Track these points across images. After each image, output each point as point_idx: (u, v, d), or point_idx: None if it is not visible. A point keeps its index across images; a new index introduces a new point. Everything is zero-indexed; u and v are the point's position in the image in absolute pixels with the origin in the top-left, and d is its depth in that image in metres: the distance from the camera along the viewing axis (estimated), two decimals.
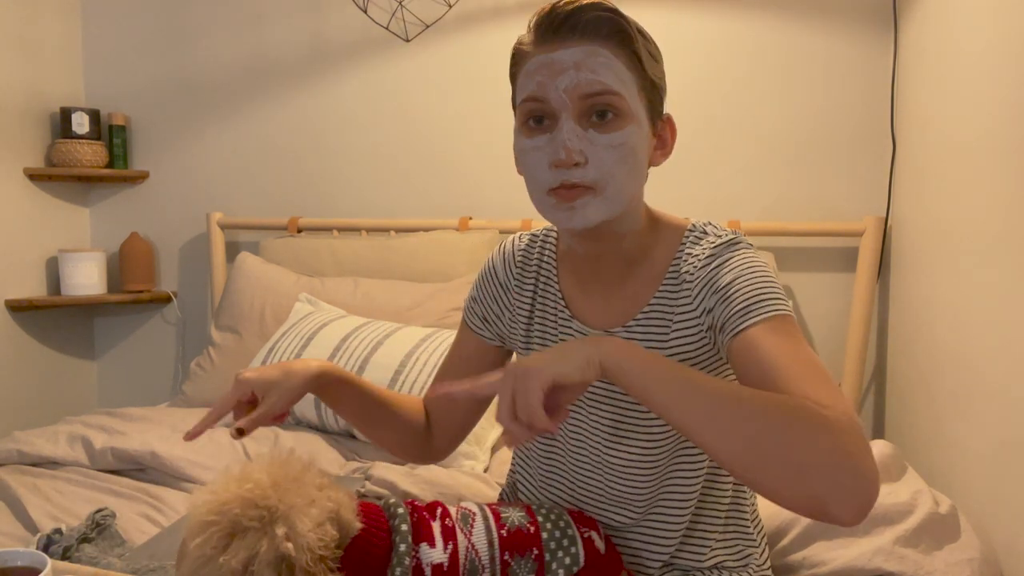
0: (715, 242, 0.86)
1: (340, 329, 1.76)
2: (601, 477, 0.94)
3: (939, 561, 1.08)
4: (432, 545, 0.82)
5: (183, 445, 1.46)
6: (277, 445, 1.54)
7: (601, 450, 0.93)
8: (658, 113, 0.87)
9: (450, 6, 2.07)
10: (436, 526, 0.85)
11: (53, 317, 2.32)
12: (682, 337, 0.87)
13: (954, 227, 1.45)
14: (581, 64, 0.79)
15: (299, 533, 0.71)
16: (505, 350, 1.06)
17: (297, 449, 0.84)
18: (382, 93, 2.21)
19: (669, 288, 0.88)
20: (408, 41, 2.15)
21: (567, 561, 0.84)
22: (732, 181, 2.00)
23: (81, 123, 2.25)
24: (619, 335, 0.90)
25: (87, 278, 2.23)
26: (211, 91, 2.33)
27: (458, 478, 1.37)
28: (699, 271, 0.85)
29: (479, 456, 1.56)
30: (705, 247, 0.86)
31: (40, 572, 0.75)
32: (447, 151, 2.18)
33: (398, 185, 2.22)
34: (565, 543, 0.85)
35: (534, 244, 1.01)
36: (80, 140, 2.24)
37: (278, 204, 2.31)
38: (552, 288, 0.97)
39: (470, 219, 2.08)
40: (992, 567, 1.13)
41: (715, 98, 1.99)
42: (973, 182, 1.36)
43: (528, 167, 0.84)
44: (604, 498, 0.95)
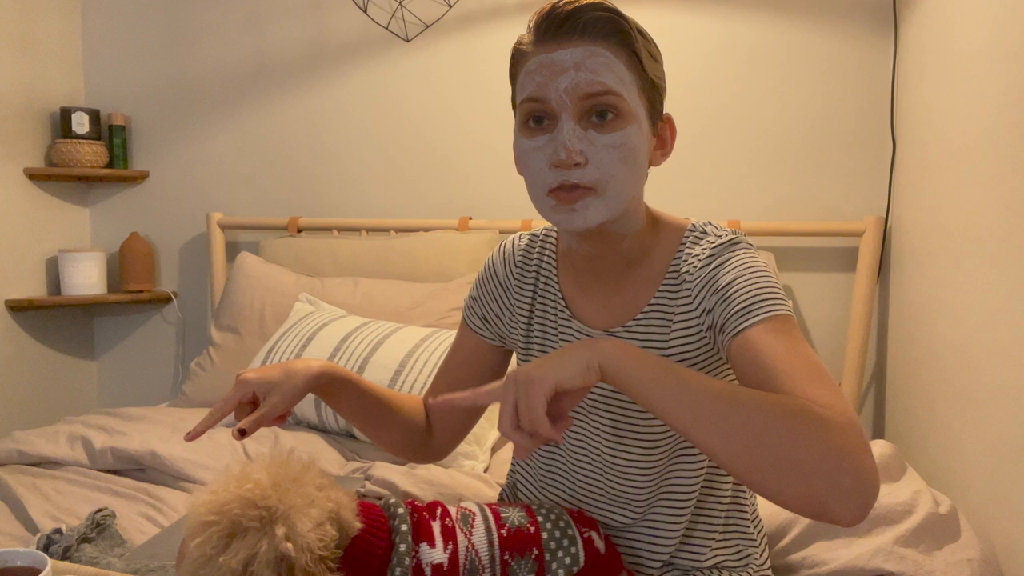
0: (715, 242, 0.86)
1: (340, 329, 1.76)
2: (601, 477, 0.94)
3: (939, 561, 1.08)
4: (432, 545, 0.82)
5: (183, 445, 1.47)
6: (277, 445, 1.54)
7: (601, 450, 0.93)
8: (658, 113, 0.87)
9: (450, 6, 2.07)
10: (436, 526, 0.85)
11: (53, 317, 2.32)
12: (682, 337, 0.87)
13: (954, 227, 1.45)
14: (581, 64, 0.79)
15: (299, 533, 0.71)
16: (505, 350, 1.06)
17: (297, 449, 0.84)
18: (382, 93, 2.21)
19: (669, 288, 0.88)
20: (408, 41, 2.15)
21: (567, 561, 0.84)
22: (732, 181, 2.00)
23: (81, 123, 2.25)
24: (619, 335, 0.90)
25: (87, 278, 2.23)
26: (211, 91, 2.33)
27: (458, 478, 1.37)
28: (699, 271, 0.85)
29: (479, 456, 1.56)
30: (705, 247, 0.86)
31: (40, 572, 0.75)
32: (447, 151, 2.18)
33: (398, 185, 2.22)
34: (565, 543, 0.85)
35: (534, 244, 1.01)
36: (80, 140, 2.24)
37: (278, 204, 2.31)
38: (552, 288, 0.97)
39: (470, 219, 2.08)
40: (992, 567, 1.13)
41: (715, 98, 1.99)
42: (973, 182, 1.36)
43: (528, 167, 0.84)
44: (604, 498, 0.95)
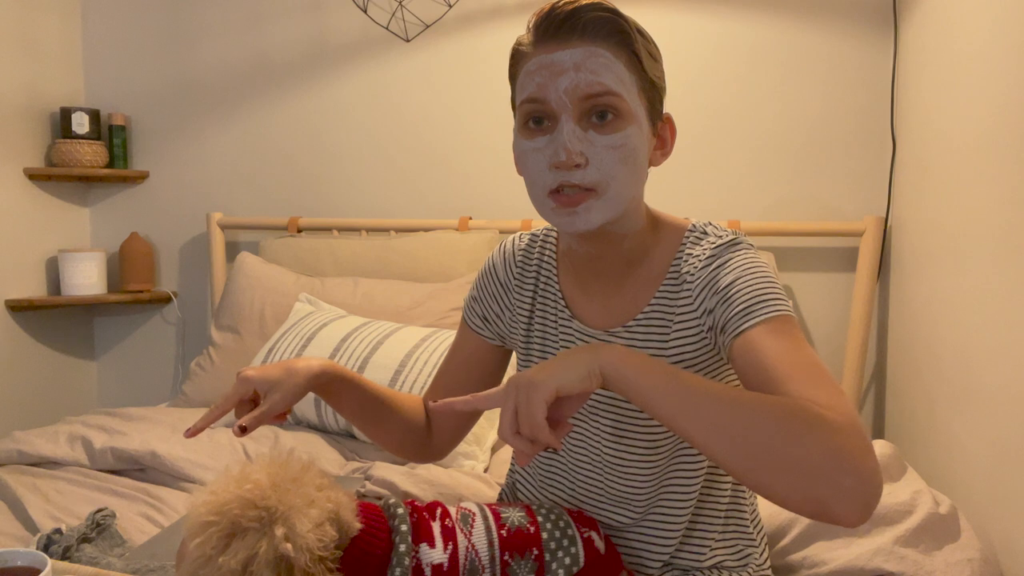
0: (715, 242, 0.86)
1: (340, 329, 1.76)
2: (601, 477, 0.94)
3: (939, 561, 1.08)
4: (432, 545, 0.82)
5: (183, 445, 1.47)
6: (277, 445, 1.54)
7: (602, 451, 0.93)
8: (658, 113, 0.87)
9: (450, 6, 2.07)
10: (436, 526, 0.85)
11: (53, 317, 2.32)
12: (683, 338, 0.87)
13: (954, 227, 1.45)
14: (581, 65, 0.79)
15: (298, 534, 0.71)
16: (505, 350, 1.06)
17: (297, 449, 0.84)
18: (382, 93, 2.21)
19: (669, 288, 0.88)
20: (408, 41, 2.15)
21: (567, 561, 0.84)
22: (732, 181, 2.00)
23: (81, 123, 2.25)
24: (619, 335, 0.90)
25: (87, 278, 2.23)
26: (211, 91, 2.33)
27: (458, 478, 1.37)
28: (699, 271, 0.85)
29: (479, 456, 1.56)
30: (705, 247, 0.86)
31: (40, 572, 0.75)
32: (447, 151, 2.18)
33: (398, 185, 2.22)
34: (565, 543, 0.85)
35: (534, 244, 1.01)
36: (80, 140, 2.24)
37: (278, 204, 2.31)
38: (552, 288, 0.97)
39: (470, 219, 2.08)
40: (992, 567, 1.13)
41: (715, 98, 1.99)
42: (973, 182, 1.36)
43: (528, 168, 0.83)
44: (604, 498, 0.95)
